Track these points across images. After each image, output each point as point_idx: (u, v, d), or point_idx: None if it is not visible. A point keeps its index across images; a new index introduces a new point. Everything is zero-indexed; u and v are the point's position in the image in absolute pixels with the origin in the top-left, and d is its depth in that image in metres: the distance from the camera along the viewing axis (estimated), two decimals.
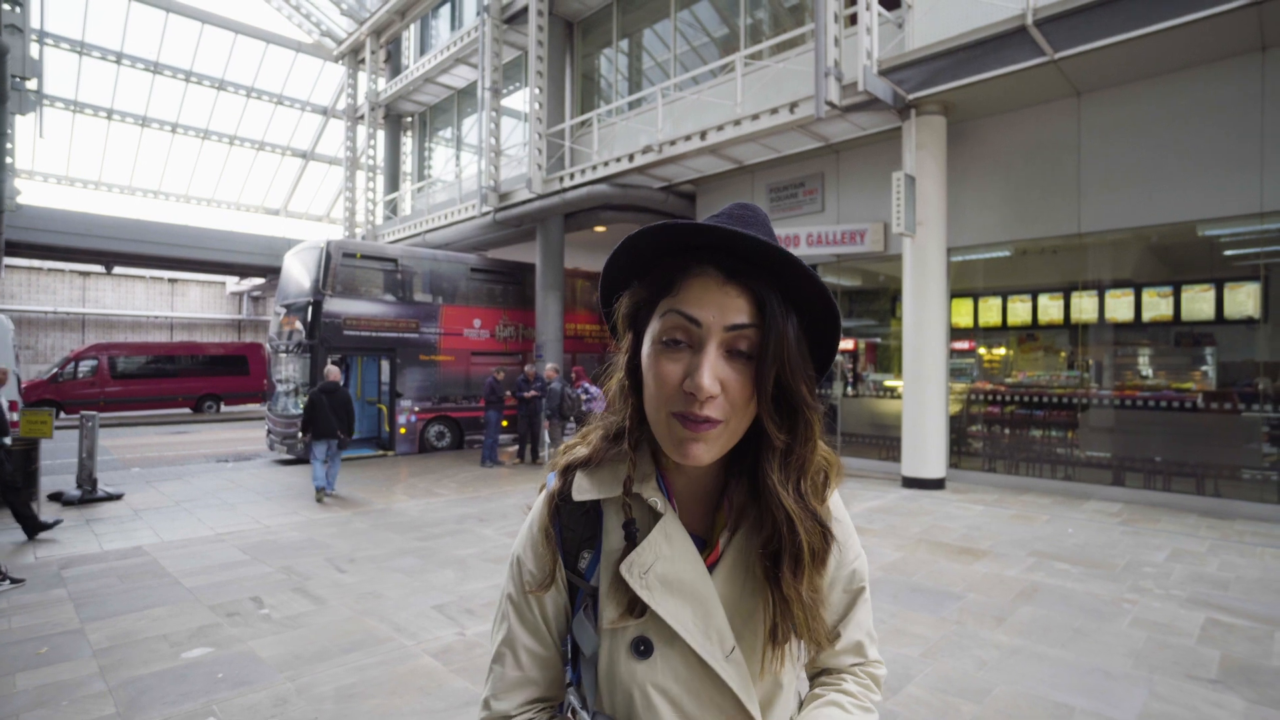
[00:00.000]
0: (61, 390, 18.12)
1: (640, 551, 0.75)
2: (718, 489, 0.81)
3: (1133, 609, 4.21)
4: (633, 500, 0.78)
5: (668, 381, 0.70)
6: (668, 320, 0.72)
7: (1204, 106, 6.90)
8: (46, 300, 25.11)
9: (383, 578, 5.00)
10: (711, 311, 0.70)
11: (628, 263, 0.78)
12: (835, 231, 9.35)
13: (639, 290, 0.78)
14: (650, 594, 0.74)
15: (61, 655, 3.65)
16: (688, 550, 0.76)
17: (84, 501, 7.54)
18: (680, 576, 0.75)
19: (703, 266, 0.72)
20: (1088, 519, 6.59)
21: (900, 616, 4.10)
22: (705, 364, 0.68)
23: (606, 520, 0.81)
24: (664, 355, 0.71)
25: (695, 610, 0.74)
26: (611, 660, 0.77)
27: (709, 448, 0.70)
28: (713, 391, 0.67)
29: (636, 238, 0.73)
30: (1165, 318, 7.41)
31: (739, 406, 0.71)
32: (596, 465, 0.82)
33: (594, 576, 0.80)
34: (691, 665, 0.75)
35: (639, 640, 0.75)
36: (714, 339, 0.69)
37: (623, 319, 0.80)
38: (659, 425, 0.73)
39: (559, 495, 0.83)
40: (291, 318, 11.25)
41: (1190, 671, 3.35)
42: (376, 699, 3.17)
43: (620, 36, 12.64)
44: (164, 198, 22.33)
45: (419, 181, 18.36)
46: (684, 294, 0.72)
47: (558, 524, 0.83)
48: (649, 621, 0.75)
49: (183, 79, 19.16)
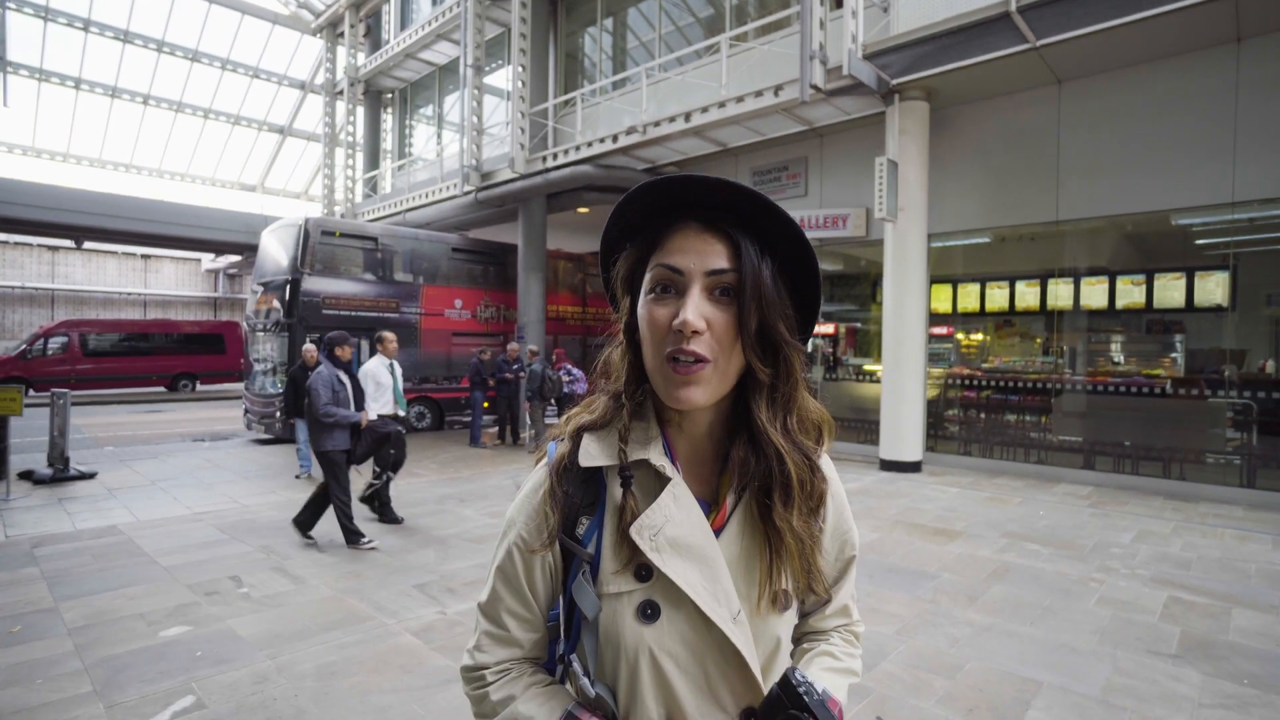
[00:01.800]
0: (30, 367, 17.72)
1: (650, 514, 0.77)
2: (721, 452, 0.83)
3: (1099, 588, 4.33)
4: (637, 466, 0.80)
5: (659, 325, 0.75)
6: (655, 273, 0.77)
7: (1181, 96, 7.00)
8: (13, 275, 24.44)
9: (363, 557, 5.00)
10: (692, 258, 0.75)
11: (619, 230, 0.84)
12: (818, 216, 9.38)
13: (631, 253, 0.83)
14: (660, 556, 0.75)
15: (35, 634, 3.61)
16: (695, 513, 0.78)
17: (55, 480, 7.42)
18: (688, 539, 0.77)
19: (684, 221, 0.78)
20: (1058, 501, 6.76)
21: (876, 596, 4.19)
22: (689, 303, 0.73)
23: (610, 486, 0.82)
24: (654, 303, 0.76)
25: (703, 572, 0.76)
26: (615, 625, 0.77)
27: (702, 389, 0.74)
28: (697, 325, 0.72)
29: (623, 204, 0.80)
30: (1138, 305, 7.56)
31: (726, 345, 0.74)
32: (601, 427, 0.84)
33: (591, 543, 0.81)
34: (698, 628, 0.76)
35: (646, 604, 0.77)
36: (697, 283, 0.74)
37: (620, 284, 0.84)
38: (655, 374, 0.77)
39: (567, 458, 0.84)
40: (269, 296, 11.08)
41: (1151, 647, 3.46)
42: (357, 677, 3.18)
43: (604, 15, 12.48)
44: (136, 171, 21.79)
45: (399, 159, 18.07)
46: (667, 246, 0.77)
47: (562, 487, 0.83)
48: (656, 585, 0.77)
49: (154, 49, 18.61)
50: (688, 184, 0.76)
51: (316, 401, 5.14)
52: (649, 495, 0.79)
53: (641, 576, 0.77)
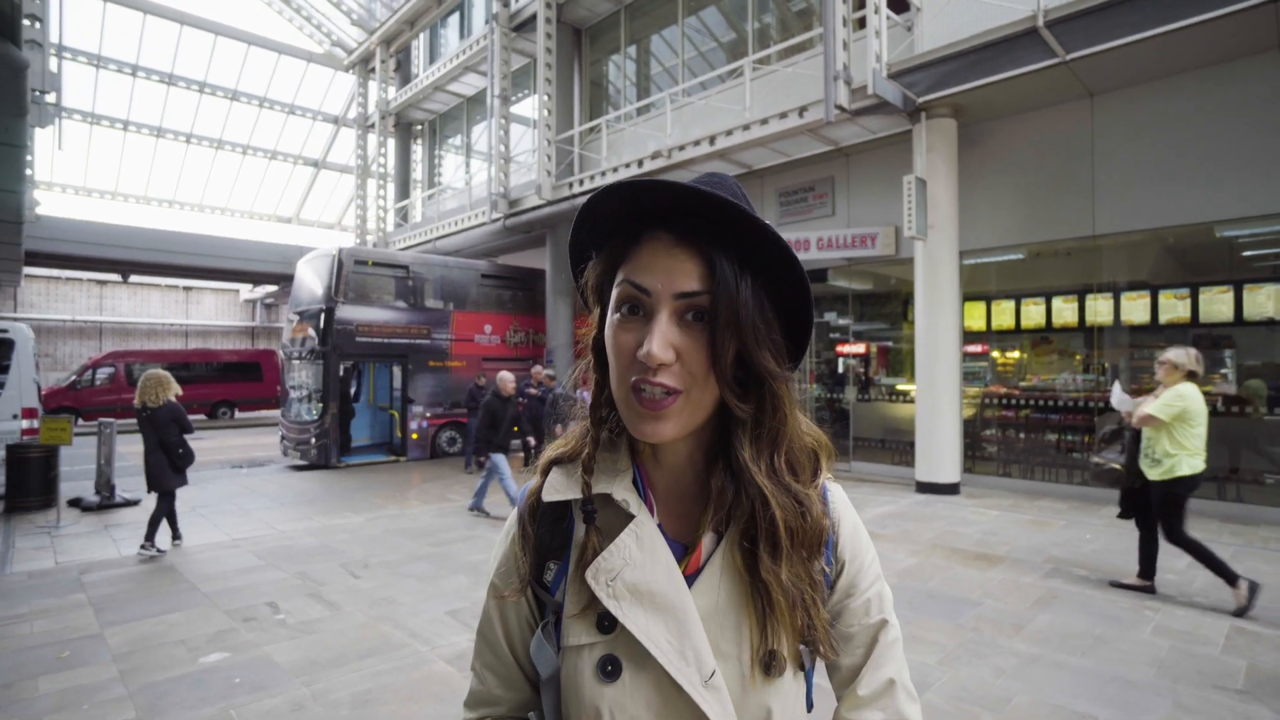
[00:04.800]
0: (79, 397, 18.34)
1: (607, 555, 0.67)
2: (706, 485, 0.72)
3: (1155, 617, 4.15)
4: (600, 501, 0.71)
5: (623, 352, 0.66)
6: (621, 290, 0.68)
7: (1221, 106, 6.83)
8: (65, 309, 25.45)
9: (397, 583, 5.01)
10: (660, 278, 0.65)
11: (587, 234, 0.74)
12: (846, 235, 9.31)
13: (599, 262, 0.73)
14: (618, 604, 0.66)
15: (82, 659, 3.68)
16: (662, 556, 0.68)
17: (102, 507, 7.62)
18: (652, 586, 0.66)
19: (654, 231, 0.68)
20: (1105, 525, 6.51)
21: (916, 623, 4.07)
22: (655, 331, 0.63)
23: (577, 525, 0.73)
24: (620, 326, 0.67)
25: (669, 625, 0.65)
26: (575, 683, 0.67)
27: (670, 424, 0.65)
28: (663, 359, 0.62)
29: (589, 206, 0.70)
30: (1183, 320, 7.32)
31: (699, 375, 0.65)
32: (571, 460, 0.75)
33: (559, 590, 0.72)
34: (665, 691, 0.65)
35: (606, 660, 0.67)
36: (665, 306, 0.65)
37: (590, 293, 0.75)
38: (621, 402, 0.67)
39: (536, 495, 0.76)
40: (304, 324, 11.34)
41: (1216, 681, 3.29)
42: (392, 705, 3.17)
43: (628, 43, 12.69)
44: (179, 207, 22.60)
45: (429, 189, 18.48)
46: (634, 261, 0.68)
47: (533, 526, 0.75)
48: (617, 639, 0.67)
49: (197, 90, 19.40)
50: (658, 189, 0.65)
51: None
52: (613, 535, 0.69)
53: (603, 628, 0.67)
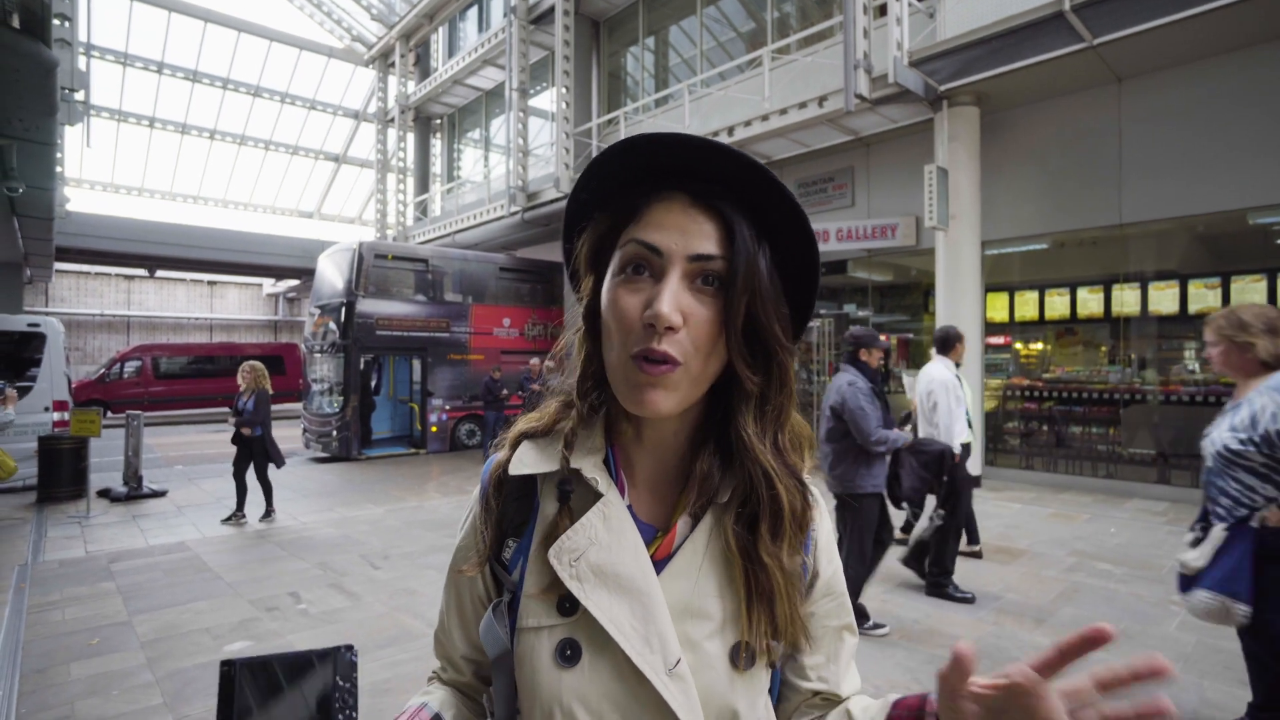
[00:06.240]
0: (108, 390, 18.75)
1: (572, 534, 0.65)
2: (686, 471, 0.69)
3: (1180, 612, 4.06)
4: (572, 477, 0.68)
5: (627, 315, 0.62)
6: (628, 250, 0.64)
7: (1253, 89, 6.63)
8: (94, 303, 26.01)
9: (416, 574, 5.07)
10: (674, 238, 0.62)
11: (593, 193, 0.69)
12: (866, 226, 9.21)
13: (601, 221, 0.69)
14: (580, 585, 0.63)
15: (111, 646, 3.78)
16: (629, 537, 0.65)
17: (130, 498, 7.79)
18: (617, 568, 0.63)
19: (669, 191, 0.64)
20: (1131, 518, 6.40)
21: (935, 616, 4.03)
22: (666, 290, 0.60)
23: (543, 502, 0.70)
24: (623, 287, 0.63)
25: (634, 610, 0.62)
26: (531, 666, 0.64)
27: (668, 395, 0.61)
28: (673, 321, 0.59)
29: (597, 163, 0.66)
30: (1213, 309, 7.12)
31: (701, 346, 0.62)
32: (544, 435, 0.72)
33: (517, 569, 0.68)
34: (625, 678, 0.61)
35: (565, 643, 0.63)
36: (676, 267, 0.61)
37: (584, 260, 0.70)
38: (616, 371, 0.64)
39: (502, 467, 0.72)
40: (325, 318, 11.48)
41: (1242, 677, 3.21)
42: (410, 694, 3.20)
43: (646, 34, 12.62)
44: (203, 202, 22.96)
45: (448, 183, 18.59)
46: (646, 219, 0.64)
47: (497, 500, 0.72)
48: (579, 623, 0.64)
49: (220, 86, 19.68)
50: (678, 146, 0.62)
51: (865, 424, 3.64)
52: (581, 514, 0.66)
53: (564, 610, 0.64)
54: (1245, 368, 2.48)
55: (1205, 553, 2.39)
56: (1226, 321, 2.52)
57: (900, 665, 3.43)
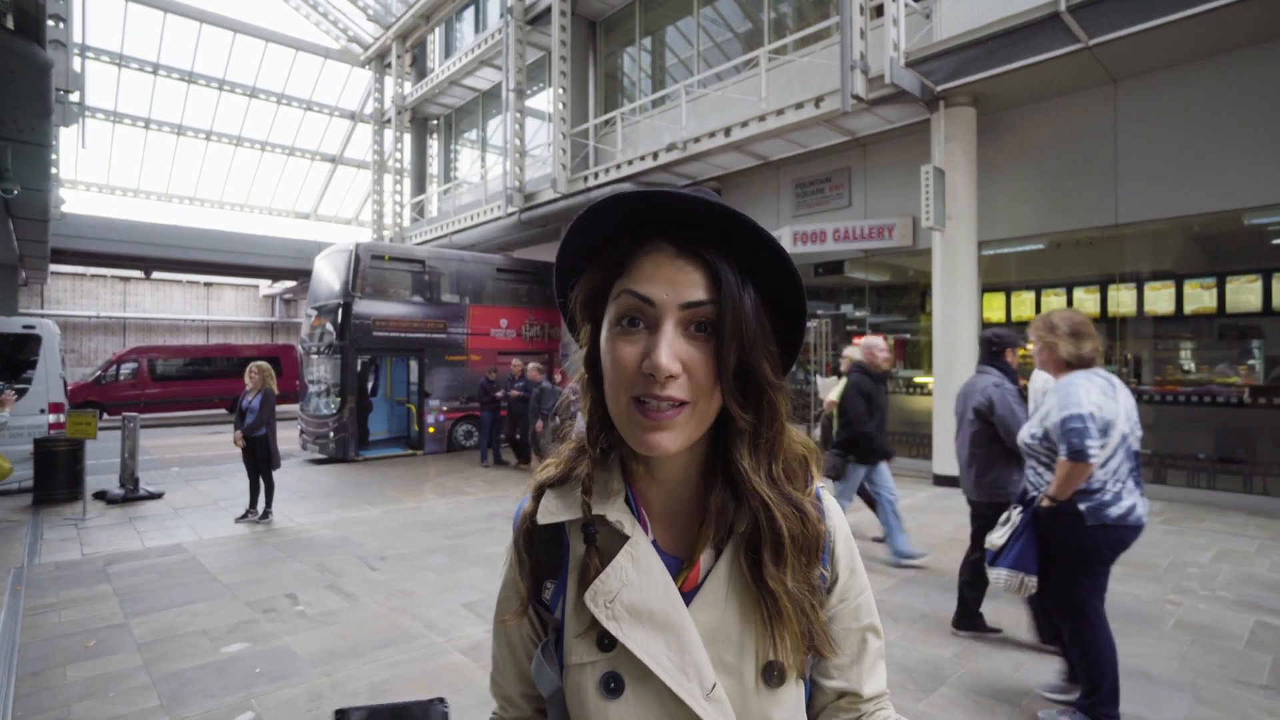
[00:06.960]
0: (104, 392, 18.69)
1: (605, 578, 0.69)
2: (703, 500, 0.73)
3: (1176, 611, 4.08)
4: (596, 522, 0.72)
5: (625, 365, 0.65)
6: (621, 302, 0.67)
7: (1249, 90, 6.66)
8: (89, 305, 25.94)
9: (413, 575, 5.07)
10: (665, 289, 0.65)
11: (580, 246, 0.73)
12: (863, 226, 9.22)
13: (592, 275, 0.72)
14: (618, 625, 0.67)
15: (108, 649, 3.77)
16: (658, 575, 0.69)
17: (126, 500, 7.77)
18: (650, 605, 0.68)
19: (655, 242, 0.67)
20: None
21: (933, 616, 4.04)
22: (662, 342, 0.63)
23: (572, 544, 0.74)
24: (620, 338, 0.66)
25: (669, 642, 0.67)
26: (579, 699, 0.69)
27: (674, 435, 0.64)
28: (672, 370, 0.62)
29: (585, 218, 0.69)
30: (1208, 310, 7.18)
31: (705, 386, 0.65)
32: (563, 482, 0.76)
33: (558, 608, 0.74)
34: (667, 705, 0.66)
35: (609, 677, 0.68)
36: (670, 317, 0.64)
37: (579, 309, 0.74)
38: (620, 416, 0.67)
39: (530, 518, 0.77)
40: (322, 319, 11.45)
41: (1239, 677, 3.23)
42: (409, 695, 3.19)
43: (643, 34, 12.63)
44: (199, 204, 22.88)
45: (445, 183, 18.57)
46: (636, 272, 0.67)
47: (529, 549, 0.77)
48: (619, 657, 0.68)
49: (216, 87, 19.61)
50: (661, 200, 0.65)
51: (1015, 427, 3.43)
52: (610, 555, 0.71)
53: (604, 645, 0.69)
54: (1054, 366, 2.78)
55: (1004, 534, 2.85)
56: (1041, 324, 2.80)
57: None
